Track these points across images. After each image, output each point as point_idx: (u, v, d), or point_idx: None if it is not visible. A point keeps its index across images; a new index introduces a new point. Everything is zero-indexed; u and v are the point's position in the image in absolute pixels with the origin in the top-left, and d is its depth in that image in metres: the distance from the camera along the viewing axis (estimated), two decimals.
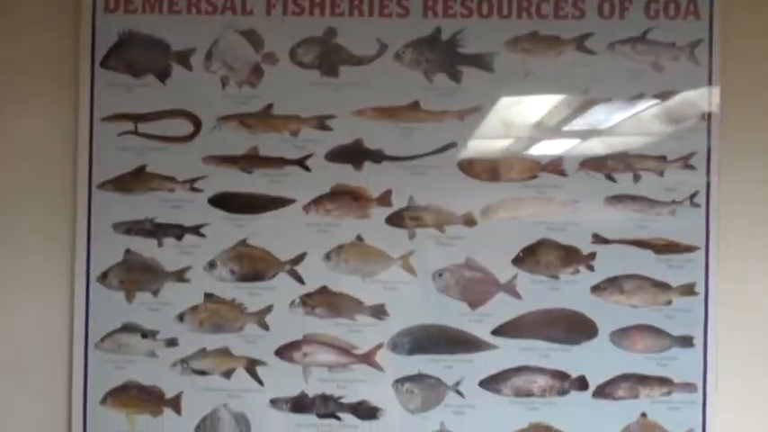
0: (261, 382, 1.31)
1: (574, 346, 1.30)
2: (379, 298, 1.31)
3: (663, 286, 1.30)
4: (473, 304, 1.31)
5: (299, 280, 1.32)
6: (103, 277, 1.33)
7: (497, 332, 1.30)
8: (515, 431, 1.30)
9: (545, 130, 1.31)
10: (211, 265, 1.32)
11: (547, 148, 1.31)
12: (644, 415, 1.29)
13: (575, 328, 1.30)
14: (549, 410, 1.30)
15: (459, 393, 1.30)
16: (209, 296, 1.32)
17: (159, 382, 1.32)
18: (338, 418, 1.31)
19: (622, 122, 1.31)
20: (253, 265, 1.32)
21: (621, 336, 1.30)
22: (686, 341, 1.29)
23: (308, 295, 1.31)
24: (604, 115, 1.31)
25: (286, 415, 1.31)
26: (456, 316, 1.31)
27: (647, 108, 1.30)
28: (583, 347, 1.30)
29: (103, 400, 1.32)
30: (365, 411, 1.31)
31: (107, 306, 1.33)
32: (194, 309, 1.32)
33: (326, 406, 1.31)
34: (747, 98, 1.30)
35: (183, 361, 1.32)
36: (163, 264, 1.33)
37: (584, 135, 1.32)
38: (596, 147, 1.31)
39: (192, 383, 1.32)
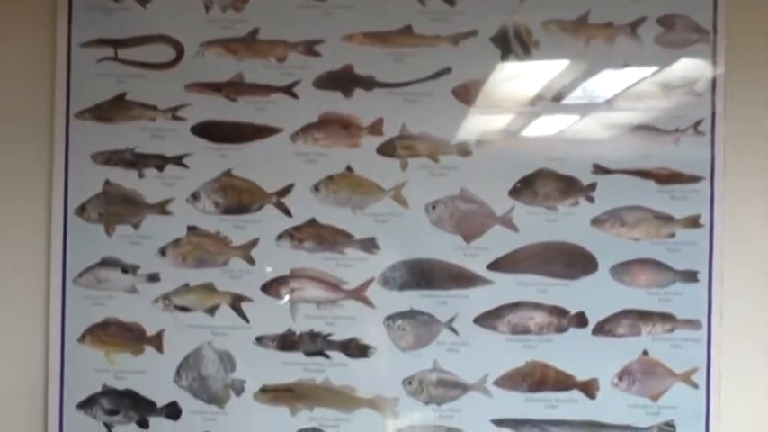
0: (246, 319, 1.26)
1: (572, 281, 1.24)
2: (369, 231, 1.25)
3: (666, 218, 1.24)
4: (468, 237, 1.25)
5: (287, 212, 1.26)
6: (81, 210, 1.27)
7: (493, 267, 1.25)
8: (511, 369, 1.24)
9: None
10: (194, 197, 1.26)
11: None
12: (645, 353, 1.24)
13: (574, 262, 1.25)
14: (546, 348, 1.24)
15: (453, 330, 1.24)
16: (192, 229, 1.26)
17: (140, 318, 1.27)
18: (327, 356, 1.25)
19: (623, 49, 1.25)
20: (238, 197, 1.26)
21: (622, 270, 1.24)
22: (690, 276, 1.24)
23: (296, 228, 1.26)
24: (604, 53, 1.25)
25: (272, 353, 1.25)
26: (450, 250, 1.25)
27: (649, 33, 1.24)
28: (582, 282, 1.24)
29: (82, 338, 1.26)
30: (355, 349, 1.25)
31: (85, 240, 1.27)
32: (177, 242, 1.26)
33: (315, 344, 1.25)
34: (755, 21, 1.24)
35: (165, 297, 1.26)
36: (144, 195, 1.27)
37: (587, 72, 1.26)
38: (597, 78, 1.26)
39: (174, 320, 1.26)
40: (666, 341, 1.24)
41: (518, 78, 1.26)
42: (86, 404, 1.26)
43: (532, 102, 1.25)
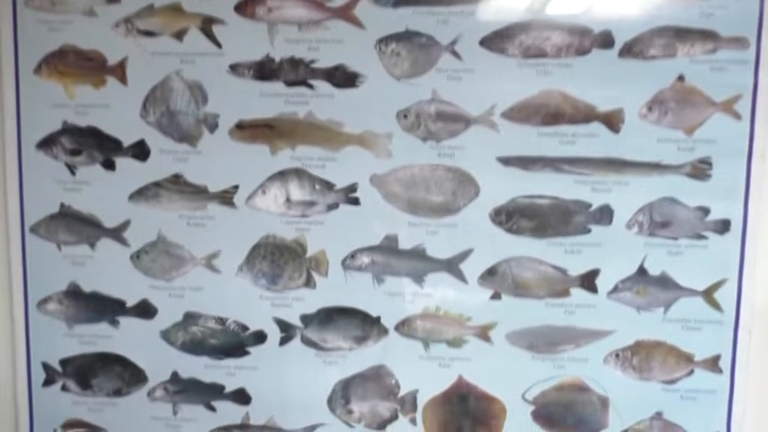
0: (218, 45, 1.10)
1: None
2: None
3: None
4: None
5: None
6: None
7: None
8: (523, 99, 1.07)
9: None
10: None
11: None
12: (681, 78, 1.05)
13: None
14: (564, 73, 1.06)
15: (456, 55, 1.07)
16: None
17: (100, 45, 1.11)
18: (310, 86, 1.10)
19: None
20: None
21: None
22: None
23: None
24: None
25: (248, 83, 1.10)
26: None
27: None
28: None
29: (37, 69, 1.12)
30: (342, 78, 1.09)
31: None
32: None
33: (296, 72, 1.10)
34: None
35: (127, 20, 1.10)
36: None
37: None
38: None
39: (138, 47, 1.11)
40: (706, 64, 1.05)
41: None
42: (46, 144, 1.14)
43: None
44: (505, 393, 1.13)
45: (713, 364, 1.10)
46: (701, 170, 1.07)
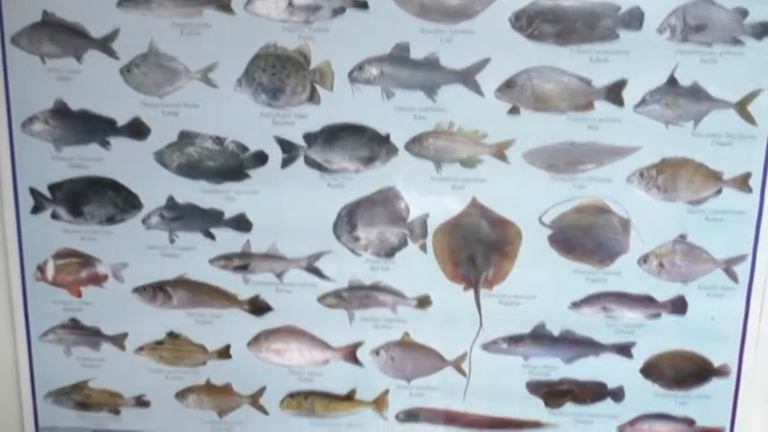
0: None
1: None
2: None
3: None
4: None
5: None
6: None
7: None
8: None
9: None
10: None
11: None
12: None
13: None
14: None
15: None
16: None
17: None
18: None
19: None
20: None
21: None
22: None
23: None
24: None
25: None
26: None
27: None
28: None
29: None
30: None
31: None
32: None
33: None
34: None
35: None
36: None
37: None
38: None
39: None
40: None
41: None
42: None
43: None
44: (521, 217, 1.08)
45: (743, 182, 1.04)
46: None
